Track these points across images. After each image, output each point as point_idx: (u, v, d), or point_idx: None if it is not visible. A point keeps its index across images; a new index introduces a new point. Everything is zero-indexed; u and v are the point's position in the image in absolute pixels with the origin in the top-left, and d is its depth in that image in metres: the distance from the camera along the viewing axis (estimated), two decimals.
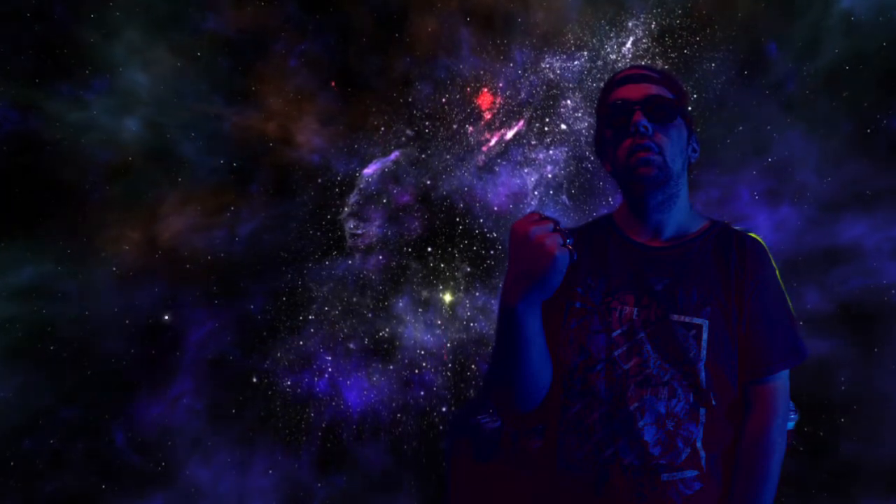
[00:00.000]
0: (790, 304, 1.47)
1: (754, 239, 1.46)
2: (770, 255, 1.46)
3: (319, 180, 4.44)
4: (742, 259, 1.42)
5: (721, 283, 1.41)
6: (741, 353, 1.40)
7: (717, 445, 1.38)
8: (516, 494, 1.50)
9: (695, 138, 1.54)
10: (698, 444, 1.36)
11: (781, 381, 1.42)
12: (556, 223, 1.33)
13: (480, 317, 4.50)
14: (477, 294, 4.51)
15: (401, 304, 4.51)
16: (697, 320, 1.38)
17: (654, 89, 1.46)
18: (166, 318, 4.31)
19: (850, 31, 3.95)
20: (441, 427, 4.34)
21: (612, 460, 1.36)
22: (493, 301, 4.47)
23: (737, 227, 1.50)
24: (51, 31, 3.99)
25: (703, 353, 1.37)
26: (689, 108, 1.55)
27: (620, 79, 1.50)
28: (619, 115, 1.46)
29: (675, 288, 1.41)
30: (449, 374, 4.44)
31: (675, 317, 1.39)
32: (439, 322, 4.49)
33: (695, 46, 4.15)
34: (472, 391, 4.41)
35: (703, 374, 1.37)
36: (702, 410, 1.37)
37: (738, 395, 1.41)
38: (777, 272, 1.46)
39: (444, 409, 4.39)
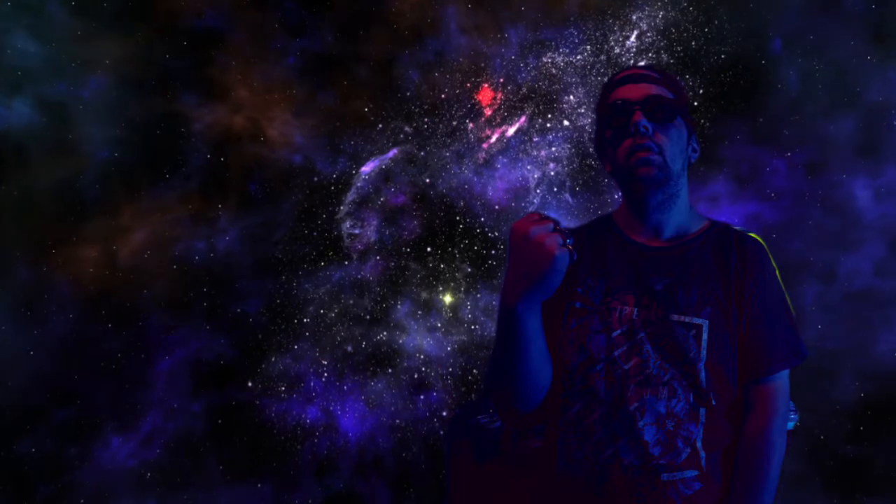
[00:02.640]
0: (790, 304, 1.53)
1: (754, 239, 1.53)
2: (770, 255, 1.52)
3: (315, 178, 4.49)
4: (742, 259, 1.49)
5: (721, 283, 1.47)
6: (741, 353, 1.47)
7: (717, 445, 1.44)
8: (516, 494, 1.56)
9: (695, 138, 1.60)
10: (698, 444, 1.42)
11: (782, 381, 1.48)
12: (556, 223, 1.39)
13: (482, 318, 4.55)
14: (479, 295, 4.56)
15: (400, 307, 4.56)
16: (697, 320, 1.45)
17: (653, 89, 1.52)
18: (133, 340, 4.18)
19: None
20: (441, 432, 4.39)
21: (612, 460, 1.42)
22: (495, 302, 4.52)
23: (737, 228, 1.57)
24: None
25: (703, 353, 1.43)
26: (692, 106, 1.61)
27: (620, 79, 1.57)
28: (618, 115, 1.52)
29: (675, 288, 1.47)
30: (450, 378, 4.49)
31: (675, 317, 1.45)
32: (439, 325, 4.55)
33: (702, 40, 4.20)
34: (473, 395, 4.46)
35: (703, 374, 1.43)
36: (702, 410, 1.43)
37: (738, 395, 1.48)
38: (777, 272, 1.52)
39: (444, 414, 4.44)
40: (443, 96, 4.44)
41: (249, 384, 4.40)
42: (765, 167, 4.10)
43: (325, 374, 4.50)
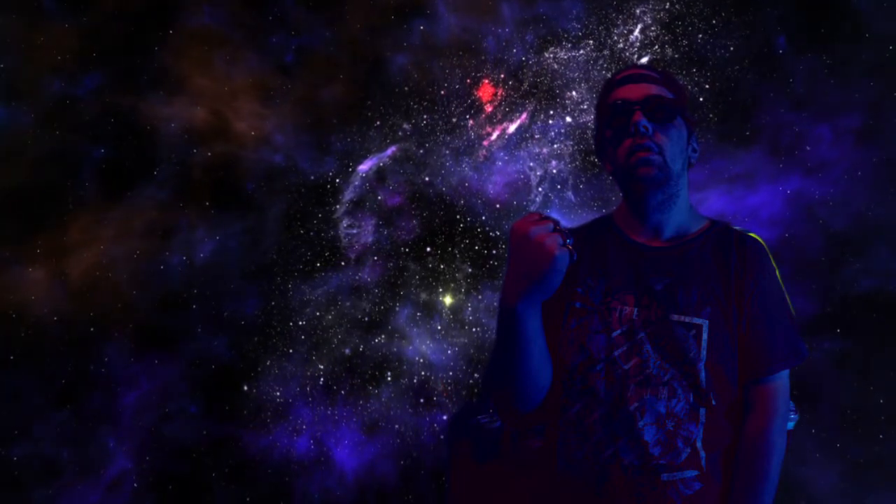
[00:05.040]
0: (790, 304, 1.59)
1: (754, 239, 1.59)
2: (770, 255, 1.58)
3: (312, 177, 4.53)
4: (742, 259, 1.54)
5: (721, 283, 1.53)
6: (741, 353, 1.52)
7: (717, 445, 1.50)
8: (516, 494, 1.62)
9: (695, 138, 1.66)
10: (698, 444, 1.48)
11: (782, 381, 1.54)
12: (556, 223, 1.45)
13: (484, 320, 4.59)
14: (480, 297, 4.61)
15: (399, 310, 4.60)
16: (697, 320, 1.50)
17: (653, 89, 1.58)
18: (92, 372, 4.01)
19: None
20: (442, 437, 4.43)
21: (612, 460, 1.48)
22: (497, 302, 4.52)
23: (737, 227, 1.63)
24: None
25: (703, 353, 1.49)
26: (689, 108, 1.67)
27: (620, 79, 1.63)
28: (618, 115, 1.58)
29: (675, 288, 1.53)
30: (451, 383, 4.53)
31: (676, 317, 1.51)
32: (439, 327, 4.59)
33: (708, 33, 4.26)
34: (475, 399, 4.50)
35: (703, 374, 1.49)
36: (702, 410, 1.49)
37: (738, 395, 1.53)
38: (777, 272, 1.58)
39: (444, 418, 4.49)
40: (442, 92, 4.49)
41: (245, 387, 4.41)
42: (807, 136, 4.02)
43: (321, 381, 4.52)
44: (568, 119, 4.45)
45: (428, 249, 4.60)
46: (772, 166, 4.08)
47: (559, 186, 4.50)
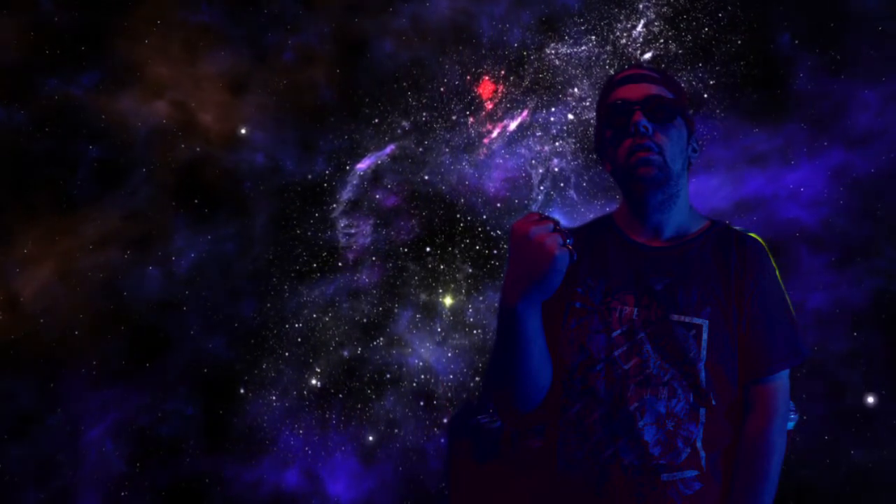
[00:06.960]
0: (790, 304, 1.64)
1: (754, 239, 1.63)
2: (770, 255, 1.63)
3: (309, 176, 4.56)
4: (742, 259, 1.59)
5: (721, 283, 1.58)
6: (741, 352, 1.57)
7: (717, 445, 1.55)
8: (516, 494, 1.67)
9: (695, 138, 1.71)
10: (698, 444, 1.53)
11: (782, 381, 1.59)
12: (556, 223, 1.50)
13: (485, 321, 4.63)
14: (481, 298, 4.64)
15: (398, 311, 4.63)
16: (697, 320, 1.55)
17: (653, 89, 1.63)
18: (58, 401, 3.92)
19: None
20: (442, 440, 4.47)
21: (612, 460, 1.52)
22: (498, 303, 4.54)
23: (736, 228, 1.68)
24: None
25: (703, 353, 1.54)
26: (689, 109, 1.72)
27: (620, 79, 1.67)
28: (618, 115, 1.63)
29: (676, 288, 1.58)
30: (451, 386, 4.57)
31: (676, 317, 1.56)
32: (440, 329, 4.63)
33: (714, 27, 4.30)
34: (475, 399, 4.52)
35: (703, 374, 1.53)
36: (702, 410, 1.53)
37: (738, 395, 1.58)
38: (777, 272, 1.63)
39: (445, 421, 4.53)
40: (442, 89, 4.53)
41: (242, 390, 4.44)
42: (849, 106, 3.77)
43: (319, 385, 4.54)
44: (570, 116, 4.50)
45: (427, 249, 4.63)
46: (810, 141, 3.87)
47: (561, 184, 4.55)
